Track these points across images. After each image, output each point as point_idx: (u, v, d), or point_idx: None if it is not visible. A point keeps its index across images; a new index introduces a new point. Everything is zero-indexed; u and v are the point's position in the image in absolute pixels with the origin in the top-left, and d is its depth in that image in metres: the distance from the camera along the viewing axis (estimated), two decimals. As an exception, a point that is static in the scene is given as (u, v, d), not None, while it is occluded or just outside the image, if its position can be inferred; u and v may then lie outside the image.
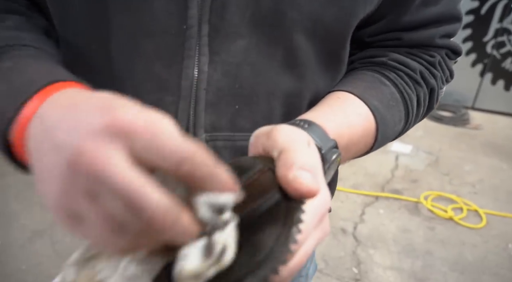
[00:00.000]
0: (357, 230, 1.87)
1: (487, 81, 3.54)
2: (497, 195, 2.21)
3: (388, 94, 0.37)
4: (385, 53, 0.40)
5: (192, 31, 0.30)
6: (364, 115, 0.34)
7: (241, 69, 0.32)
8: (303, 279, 0.58)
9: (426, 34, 0.39)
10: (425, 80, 0.40)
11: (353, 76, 0.39)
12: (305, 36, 0.32)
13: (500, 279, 1.58)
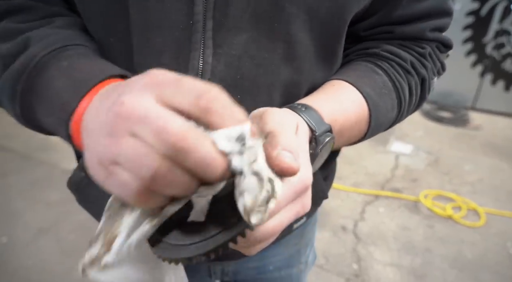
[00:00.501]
0: (358, 227, 1.89)
1: (487, 82, 3.56)
2: (496, 195, 2.22)
3: (380, 82, 0.39)
4: (378, 44, 0.42)
5: (197, 26, 0.32)
6: (358, 102, 0.36)
7: (243, 61, 0.34)
8: (303, 266, 0.60)
9: (417, 27, 0.41)
10: (416, 70, 0.41)
11: (347, 67, 0.41)
12: (303, 30, 0.34)
13: (499, 276, 1.60)
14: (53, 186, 2.21)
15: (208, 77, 0.34)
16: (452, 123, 3.36)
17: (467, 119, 3.41)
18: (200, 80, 0.21)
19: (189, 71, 0.34)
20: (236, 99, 0.36)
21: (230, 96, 0.35)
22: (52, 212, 1.92)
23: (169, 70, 0.34)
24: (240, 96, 0.36)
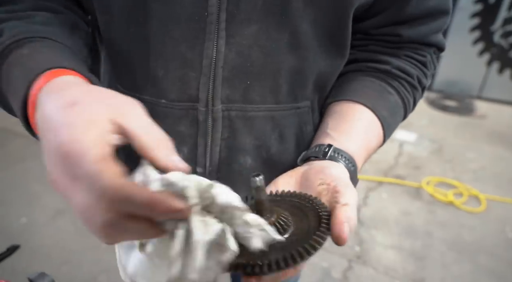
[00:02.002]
0: (360, 212, 1.96)
1: (494, 70, 3.54)
2: (498, 182, 2.26)
3: (393, 102, 0.45)
4: (388, 59, 0.46)
5: (212, 17, 0.35)
6: (378, 134, 0.43)
7: (252, 50, 0.37)
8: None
9: (422, 30, 0.45)
10: (420, 84, 0.48)
11: (363, 85, 0.45)
12: (307, 22, 0.37)
13: (496, 258, 1.66)
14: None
15: (221, 65, 0.38)
16: (457, 112, 3.37)
17: (472, 108, 3.41)
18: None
19: (204, 59, 0.37)
20: (246, 85, 0.40)
21: (240, 81, 0.39)
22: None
23: (186, 58, 0.38)
24: (249, 82, 0.39)
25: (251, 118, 0.41)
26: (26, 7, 0.36)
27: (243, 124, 0.41)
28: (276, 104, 0.42)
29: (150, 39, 0.38)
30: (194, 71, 0.38)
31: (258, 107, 0.41)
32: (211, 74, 0.38)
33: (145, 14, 0.36)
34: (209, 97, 0.39)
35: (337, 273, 1.56)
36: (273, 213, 0.29)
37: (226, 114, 0.40)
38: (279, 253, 0.26)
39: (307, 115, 0.45)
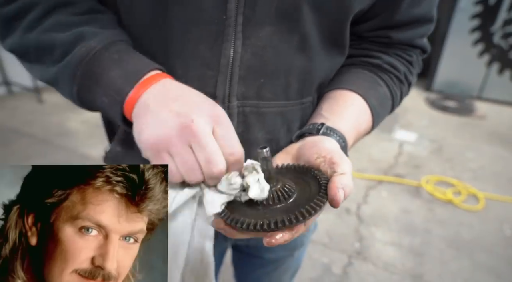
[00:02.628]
0: (360, 210, 1.99)
1: (494, 71, 3.57)
2: (497, 181, 2.29)
3: (382, 93, 0.49)
4: (379, 55, 0.50)
5: (230, 21, 0.37)
6: (367, 117, 0.46)
7: (266, 51, 0.40)
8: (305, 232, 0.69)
9: (409, 34, 0.49)
10: (407, 79, 0.52)
11: (357, 76, 0.49)
12: (314, 25, 0.41)
13: (493, 256, 1.69)
14: (73, 169, 2.34)
15: (238, 64, 0.40)
16: (457, 112, 3.40)
17: (472, 109, 3.44)
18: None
19: (221, 59, 0.40)
20: (260, 83, 0.44)
21: (254, 80, 0.43)
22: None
23: (205, 58, 0.42)
24: (262, 80, 0.42)
25: (263, 114, 0.44)
26: (85, 10, 0.40)
27: (256, 119, 0.44)
28: (286, 100, 0.45)
29: (170, 40, 0.40)
30: (212, 70, 0.41)
31: (270, 104, 0.44)
32: (228, 73, 0.41)
33: (165, 16, 0.38)
34: (225, 94, 0.42)
35: (338, 269, 1.60)
36: (279, 182, 0.35)
37: (241, 110, 0.43)
38: (285, 214, 0.31)
39: (309, 109, 0.49)
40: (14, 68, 3.40)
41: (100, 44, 0.36)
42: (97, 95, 0.37)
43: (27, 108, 3.24)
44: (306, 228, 0.35)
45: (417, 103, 3.62)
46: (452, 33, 3.59)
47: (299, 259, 0.73)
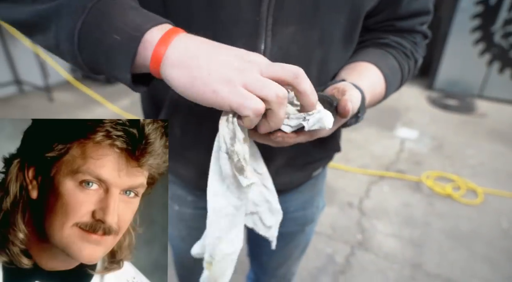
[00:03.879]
0: (363, 204, 2.06)
1: (494, 70, 3.62)
2: (496, 176, 2.36)
3: (392, 64, 0.56)
4: (387, 36, 0.57)
5: (262, 21, 0.44)
6: (381, 80, 0.53)
7: (290, 45, 0.47)
8: (315, 209, 0.77)
9: (411, 23, 0.57)
10: (413, 56, 0.59)
11: (369, 51, 0.57)
12: (331, 23, 0.47)
13: (490, 247, 1.76)
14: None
15: (268, 57, 0.46)
16: (458, 110, 3.45)
17: (473, 107, 3.50)
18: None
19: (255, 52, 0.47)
20: None
21: None
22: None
23: None
24: None
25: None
26: None
27: None
28: None
29: (212, 37, 0.45)
30: None
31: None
32: None
33: (210, 17, 0.44)
34: None
35: (341, 258, 1.67)
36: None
37: None
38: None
39: None
40: (25, 67, 3.51)
41: None
42: (107, 34, 0.33)
43: (38, 107, 3.34)
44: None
45: (419, 102, 3.68)
46: (453, 33, 3.64)
47: (309, 235, 0.81)
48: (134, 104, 3.48)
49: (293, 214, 0.73)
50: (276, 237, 0.57)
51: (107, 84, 4.01)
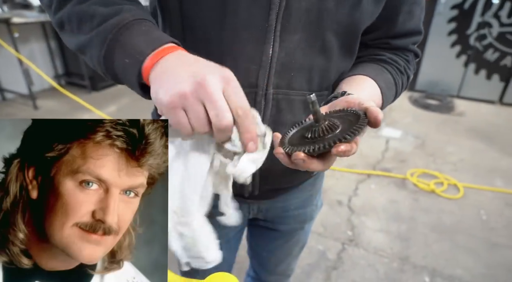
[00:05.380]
0: (351, 202, 2.14)
1: (470, 71, 3.80)
2: (475, 172, 2.48)
3: (388, 79, 0.60)
4: (383, 53, 0.62)
5: (271, 28, 0.47)
6: (377, 93, 0.56)
7: (295, 52, 0.50)
8: (314, 207, 0.81)
9: (404, 42, 0.62)
10: (406, 72, 0.64)
11: (367, 65, 0.61)
12: (333, 34, 0.50)
13: (472, 238, 1.85)
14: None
15: (275, 61, 0.50)
16: (439, 110, 3.60)
17: (452, 106, 3.66)
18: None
19: (263, 56, 0.49)
20: (290, 76, 0.54)
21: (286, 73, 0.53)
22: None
23: (250, 55, 0.51)
24: (292, 74, 0.52)
25: (292, 101, 0.54)
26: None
27: (286, 105, 0.54)
28: (309, 91, 0.55)
29: (224, 41, 0.49)
30: (255, 65, 0.50)
31: (297, 93, 0.55)
32: (267, 68, 0.50)
33: (223, 23, 0.48)
34: (264, 84, 0.52)
35: (332, 255, 1.73)
36: (326, 119, 0.41)
37: (275, 97, 0.53)
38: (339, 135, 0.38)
39: (325, 99, 0.60)
40: (8, 75, 3.44)
41: (134, 17, 0.42)
42: (120, 57, 0.40)
43: (23, 115, 3.28)
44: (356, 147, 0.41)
45: (402, 102, 3.81)
46: (432, 36, 3.80)
47: (307, 233, 0.85)
48: (120, 110, 3.47)
49: (293, 211, 0.76)
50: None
51: (92, 90, 3.98)
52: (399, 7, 0.55)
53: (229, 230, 0.75)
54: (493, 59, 3.66)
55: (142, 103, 3.67)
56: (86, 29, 0.43)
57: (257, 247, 0.90)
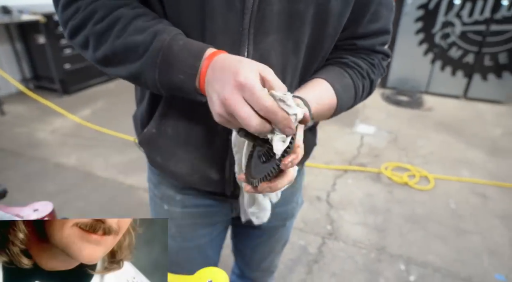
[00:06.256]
0: (330, 197, 2.20)
1: (437, 68, 4.00)
2: (444, 163, 2.62)
3: (345, 82, 0.62)
4: (347, 56, 0.63)
5: (245, 31, 0.50)
6: (330, 94, 0.58)
7: (269, 53, 0.52)
8: (295, 204, 0.84)
9: (370, 42, 0.63)
10: (368, 76, 0.65)
11: (327, 68, 0.63)
12: (305, 36, 0.53)
13: (442, 226, 1.97)
14: (48, 178, 2.33)
15: None
16: (409, 106, 3.77)
17: (421, 102, 3.84)
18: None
19: None
20: None
21: None
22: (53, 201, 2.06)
23: None
24: None
25: None
26: (153, 17, 0.50)
27: None
28: None
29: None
30: None
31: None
32: None
33: (202, 28, 0.50)
34: None
35: (313, 249, 1.78)
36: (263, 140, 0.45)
37: None
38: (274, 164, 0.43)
39: None
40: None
41: (169, 36, 0.46)
42: (174, 75, 0.45)
43: (-11, 121, 3.12)
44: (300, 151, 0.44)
45: (375, 99, 3.96)
46: (400, 35, 3.97)
47: (289, 229, 0.88)
48: (95, 113, 3.38)
49: (275, 209, 0.78)
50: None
51: (64, 94, 3.84)
52: (365, 8, 0.58)
53: (213, 229, 0.77)
54: (457, 57, 3.87)
55: (118, 106, 3.60)
56: (134, 59, 0.47)
57: (241, 245, 0.92)
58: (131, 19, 0.47)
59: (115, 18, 0.47)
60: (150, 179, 0.75)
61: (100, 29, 0.47)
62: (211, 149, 0.60)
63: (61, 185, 2.25)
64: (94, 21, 0.47)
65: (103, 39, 0.48)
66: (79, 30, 0.49)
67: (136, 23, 0.47)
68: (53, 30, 3.55)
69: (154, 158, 0.65)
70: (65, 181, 2.30)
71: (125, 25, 0.47)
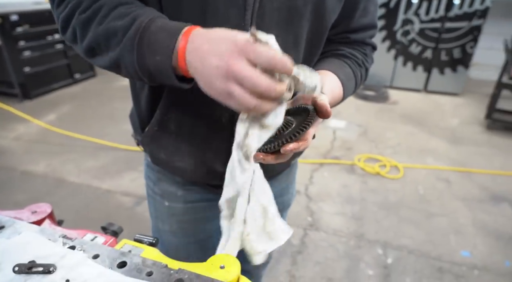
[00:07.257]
0: (308, 190, 2.27)
1: (399, 63, 4.23)
2: (410, 153, 2.80)
3: (347, 72, 0.66)
4: (343, 48, 0.68)
5: (247, 27, 0.51)
6: (338, 85, 0.61)
7: None
8: (290, 196, 0.87)
9: (361, 35, 0.68)
10: (364, 65, 0.70)
11: (329, 60, 0.66)
12: (304, 31, 0.56)
13: (412, 211, 2.11)
14: (16, 187, 2.20)
15: None
16: (376, 100, 3.96)
17: (387, 96, 4.05)
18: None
19: None
20: None
21: None
22: (23, 211, 1.95)
23: None
24: None
25: None
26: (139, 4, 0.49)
27: None
28: None
29: None
30: None
31: None
32: None
33: (203, 24, 0.48)
34: None
35: (296, 240, 1.84)
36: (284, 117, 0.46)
37: None
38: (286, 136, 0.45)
39: None
40: None
41: (147, 18, 0.45)
42: (151, 57, 0.43)
43: None
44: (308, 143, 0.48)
45: (343, 95, 4.11)
46: (365, 32, 4.16)
47: (285, 220, 0.91)
48: (60, 119, 3.22)
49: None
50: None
51: (25, 99, 3.62)
52: (356, 5, 0.63)
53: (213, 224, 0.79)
54: (416, 52, 4.12)
55: (86, 110, 3.46)
56: (114, 45, 0.46)
57: None
58: (114, 6, 0.47)
59: (99, 6, 0.47)
60: (148, 177, 0.75)
61: (84, 18, 0.47)
62: (215, 141, 0.62)
63: (31, 193, 2.13)
64: (80, 11, 0.47)
65: (88, 28, 0.47)
66: (68, 23, 0.49)
67: (118, 10, 0.47)
68: (9, 32, 3.34)
69: (157, 155, 0.66)
70: (35, 189, 2.19)
71: (107, 12, 0.46)
